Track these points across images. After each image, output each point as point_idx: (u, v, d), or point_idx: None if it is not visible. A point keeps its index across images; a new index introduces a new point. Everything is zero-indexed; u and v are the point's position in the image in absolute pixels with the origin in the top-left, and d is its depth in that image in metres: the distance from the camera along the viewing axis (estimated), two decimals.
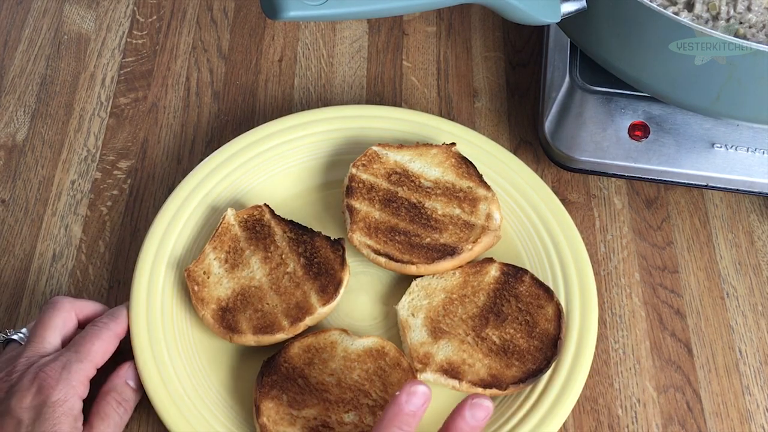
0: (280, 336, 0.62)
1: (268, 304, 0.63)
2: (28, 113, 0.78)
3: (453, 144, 0.71)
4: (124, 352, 0.62)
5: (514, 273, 0.65)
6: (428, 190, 0.68)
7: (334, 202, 0.71)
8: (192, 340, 0.63)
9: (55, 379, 0.56)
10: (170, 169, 0.75)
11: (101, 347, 0.59)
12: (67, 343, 0.60)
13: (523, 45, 0.84)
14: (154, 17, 0.85)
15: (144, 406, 0.62)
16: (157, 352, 0.61)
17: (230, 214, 0.67)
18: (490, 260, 0.66)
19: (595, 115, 0.72)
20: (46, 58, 0.81)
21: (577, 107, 0.72)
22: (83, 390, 0.57)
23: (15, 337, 0.61)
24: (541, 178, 0.71)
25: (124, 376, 0.61)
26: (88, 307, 0.63)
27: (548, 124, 0.73)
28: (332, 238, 0.66)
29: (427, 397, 0.52)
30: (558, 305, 0.64)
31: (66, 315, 0.61)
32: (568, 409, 0.61)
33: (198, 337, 0.64)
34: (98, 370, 0.59)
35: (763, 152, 0.70)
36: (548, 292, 0.64)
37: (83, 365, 0.58)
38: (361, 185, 0.68)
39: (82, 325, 0.63)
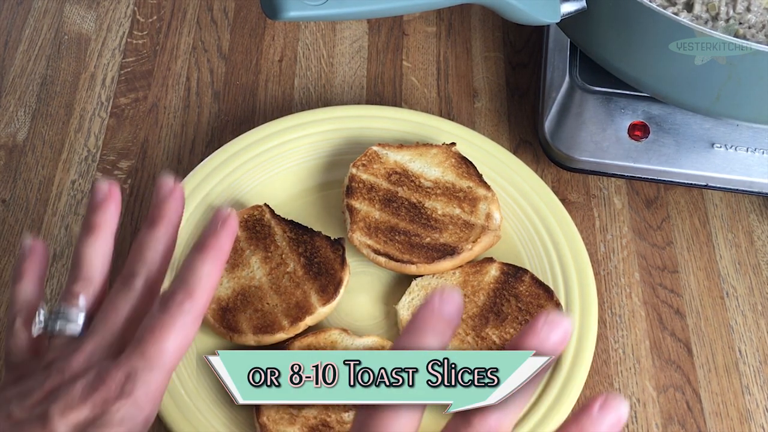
0: (280, 336, 0.62)
1: (268, 303, 0.63)
2: (29, 113, 0.78)
3: (453, 144, 0.71)
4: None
5: (514, 273, 0.65)
6: (428, 190, 0.68)
7: (334, 202, 0.71)
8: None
9: (114, 393, 0.42)
10: (170, 169, 0.75)
11: (175, 343, 0.44)
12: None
13: (523, 45, 0.84)
14: (155, 17, 0.85)
15: None
16: None
17: None
18: (490, 260, 0.66)
19: (594, 115, 0.72)
20: (46, 58, 0.81)
21: (576, 107, 0.72)
22: (151, 409, 0.43)
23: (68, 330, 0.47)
24: (541, 178, 0.71)
25: None
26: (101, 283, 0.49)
27: (548, 124, 0.73)
28: (332, 238, 0.66)
29: (461, 306, 0.39)
30: (558, 305, 0.64)
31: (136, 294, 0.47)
32: (568, 409, 0.60)
33: (198, 337, 0.63)
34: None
35: (763, 152, 0.70)
36: (548, 292, 0.64)
37: (153, 375, 0.43)
38: (361, 185, 0.68)
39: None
